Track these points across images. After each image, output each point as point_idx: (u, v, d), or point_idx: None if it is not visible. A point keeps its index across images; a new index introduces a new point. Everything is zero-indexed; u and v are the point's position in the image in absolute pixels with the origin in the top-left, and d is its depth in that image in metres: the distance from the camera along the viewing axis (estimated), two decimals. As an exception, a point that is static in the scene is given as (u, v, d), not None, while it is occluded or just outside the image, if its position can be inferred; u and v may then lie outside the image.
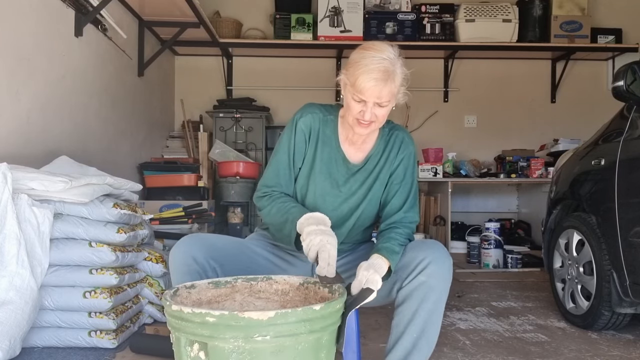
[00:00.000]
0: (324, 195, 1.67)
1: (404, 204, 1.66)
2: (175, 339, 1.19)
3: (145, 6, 3.98)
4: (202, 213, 3.57)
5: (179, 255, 1.55)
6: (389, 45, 1.55)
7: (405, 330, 1.49)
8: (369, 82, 1.48)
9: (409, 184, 1.69)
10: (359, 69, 1.49)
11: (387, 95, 1.51)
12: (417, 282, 1.48)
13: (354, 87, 1.51)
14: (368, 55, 1.50)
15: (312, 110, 1.69)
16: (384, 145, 1.70)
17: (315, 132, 1.67)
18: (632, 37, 5.30)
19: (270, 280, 1.45)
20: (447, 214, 4.78)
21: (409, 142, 1.72)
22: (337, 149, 1.68)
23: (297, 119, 1.68)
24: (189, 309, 1.11)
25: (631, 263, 2.24)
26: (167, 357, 1.98)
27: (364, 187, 1.68)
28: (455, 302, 3.13)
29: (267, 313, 1.10)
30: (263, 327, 1.10)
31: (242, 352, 1.11)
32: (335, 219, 1.66)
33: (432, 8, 5.05)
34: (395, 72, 1.51)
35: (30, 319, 1.98)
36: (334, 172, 1.68)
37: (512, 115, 5.47)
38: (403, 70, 1.55)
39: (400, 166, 1.69)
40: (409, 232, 1.63)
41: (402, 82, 1.56)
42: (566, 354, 2.22)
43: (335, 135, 1.68)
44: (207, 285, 1.37)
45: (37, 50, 2.71)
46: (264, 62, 5.33)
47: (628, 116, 2.44)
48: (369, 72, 1.48)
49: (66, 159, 2.52)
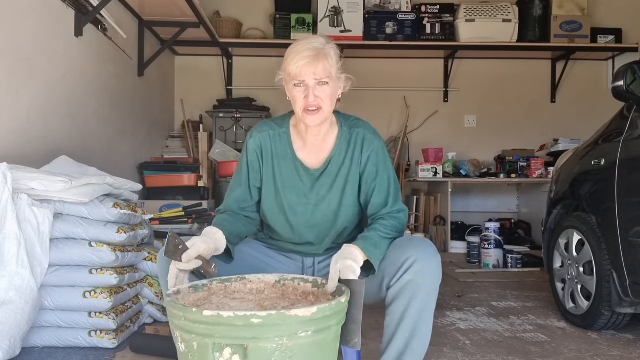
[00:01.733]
0: (293, 207, 1.67)
1: (386, 200, 1.64)
2: (198, 346, 1.16)
3: (145, 6, 3.98)
4: (202, 213, 3.56)
5: (164, 258, 1.54)
6: (319, 37, 1.59)
7: (396, 331, 1.49)
8: (300, 61, 1.51)
9: (385, 179, 1.66)
10: (290, 55, 1.54)
11: (323, 71, 1.52)
12: (404, 281, 1.47)
13: (289, 74, 1.54)
14: (296, 44, 1.56)
15: (261, 129, 1.71)
16: (346, 145, 1.67)
17: (267, 150, 1.69)
18: (632, 37, 5.30)
19: (244, 280, 1.45)
20: (447, 214, 4.78)
21: (372, 137, 1.68)
22: (294, 158, 1.67)
23: (247, 140, 1.72)
24: (231, 313, 1.10)
25: (631, 263, 2.24)
26: (167, 357, 1.99)
27: (333, 191, 1.66)
28: (455, 302, 3.13)
29: (310, 309, 1.13)
30: (306, 323, 1.13)
31: (285, 350, 1.12)
32: (313, 230, 1.68)
33: (432, 8, 5.05)
34: (325, 50, 1.54)
35: (30, 319, 1.98)
36: (297, 183, 1.67)
37: (512, 115, 5.47)
38: (336, 52, 1.58)
39: (369, 164, 1.66)
40: (394, 223, 1.61)
41: (337, 60, 1.57)
42: (566, 354, 2.22)
43: (290, 146, 1.68)
44: (188, 290, 1.37)
45: (37, 50, 2.71)
46: (264, 62, 5.33)
47: (628, 116, 2.44)
48: (299, 54, 1.52)
49: (66, 159, 2.52)
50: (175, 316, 1.18)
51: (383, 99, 5.34)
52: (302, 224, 1.67)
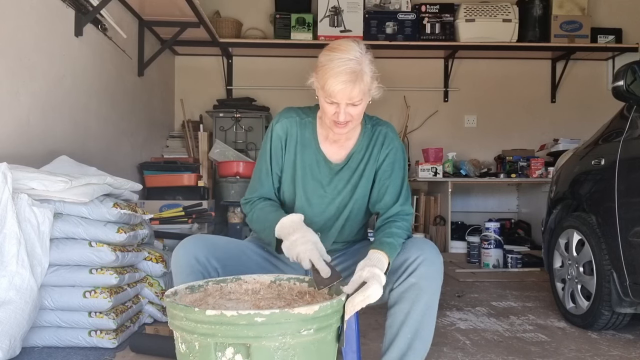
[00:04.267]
0: (310, 198, 1.67)
1: (397, 198, 1.65)
2: (200, 346, 1.16)
3: (145, 6, 3.98)
4: (202, 213, 3.57)
5: (182, 256, 1.55)
6: (355, 43, 1.53)
7: (399, 332, 1.48)
8: (337, 85, 1.47)
9: (399, 179, 1.67)
10: (327, 72, 1.49)
11: (358, 95, 1.50)
12: (408, 283, 1.46)
13: (324, 90, 1.51)
14: (334, 57, 1.49)
15: (288, 115, 1.69)
16: (367, 141, 1.69)
17: (293, 136, 1.67)
18: (632, 37, 5.30)
19: (240, 281, 1.45)
20: (447, 214, 4.78)
21: (394, 136, 1.70)
22: (317, 150, 1.68)
23: (273, 124, 1.69)
24: (234, 312, 1.10)
25: (631, 263, 2.24)
26: (167, 356, 1.98)
27: (349, 185, 1.67)
28: (455, 302, 3.13)
29: (312, 307, 1.13)
30: (309, 321, 1.13)
31: (287, 349, 1.13)
32: (323, 222, 1.68)
33: (432, 8, 5.05)
34: (362, 70, 1.50)
35: (30, 319, 1.98)
36: (317, 174, 1.67)
37: (512, 115, 5.47)
38: (371, 67, 1.53)
39: (386, 161, 1.67)
40: (407, 226, 1.62)
41: (372, 79, 1.54)
42: (566, 354, 2.22)
43: (315, 137, 1.68)
44: (185, 291, 1.37)
45: (37, 50, 2.71)
46: (264, 62, 5.33)
47: (628, 116, 2.44)
48: (337, 75, 1.47)
49: (66, 159, 2.52)
50: (176, 317, 1.18)
51: (383, 98, 5.28)
52: (316, 216, 1.67)
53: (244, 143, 4.86)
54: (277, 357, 1.13)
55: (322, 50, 1.56)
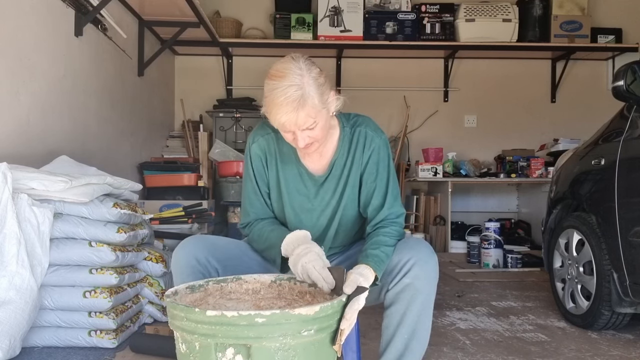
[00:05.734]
0: (299, 214, 1.65)
1: (384, 200, 1.60)
2: (200, 346, 1.15)
3: (145, 6, 3.98)
4: (202, 213, 3.57)
5: (182, 256, 1.54)
6: (293, 64, 1.43)
7: (395, 333, 1.48)
8: (281, 117, 1.41)
9: (384, 179, 1.62)
10: (269, 104, 1.43)
11: (307, 120, 1.42)
12: (403, 284, 1.45)
13: (272, 122, 1.47)
14: (273, 87, 1.41)
15: (263, 132, 1.65)
16: (348, 145, 1.63)
17: (272, 153, 1.64)
18: (632, 37, 5.30)
19: (240, 281, 1.45)
20: (447, 214, 4.78)
21: (374, 135, 1.63)
22: (297, 163, 1.64)
23: (250, 144, 1.66)
24: (235, 313, 1.10)
25: (631, 263, 2.25)
26: (167, 357, 1.98)
27: (336, 195, 1.64)
28: (455, 302, 3.13)
29: (313, 307, 1.13)
30: (309, 321, 1.13)
31: (288, 350, 1.13)
32: (315, 234, 1.64)
33: (432, 8, 5.06)
34: (305, 94, 1.40)
35: (30, 319, 1.98)
36: (302, 189, 1.64)
37: (512, 115, 5.47)
38: (318, 84, 1.43)
39: (369, 163, 1.61)
40: (397, 229, 1.58)
41: (322, 95, 1.43)
42: (566, 354, 2.22)
43: (293, 151, 1.63)
44: (185, 290, 1.36)
45: (37, 50, 2.71)
46: (264, 62, 5.29)
47: (628, 116, 2.44)
48: (279, 107, 1.40)
49: (66, 159, 2.52)
50: (176, 317, 1.18)
51: (383, 98, 5.34)
52: (307, 229, 1.65)
53: (243, 143, 4.86)
54: (278, 358, 1.12)
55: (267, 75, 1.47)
